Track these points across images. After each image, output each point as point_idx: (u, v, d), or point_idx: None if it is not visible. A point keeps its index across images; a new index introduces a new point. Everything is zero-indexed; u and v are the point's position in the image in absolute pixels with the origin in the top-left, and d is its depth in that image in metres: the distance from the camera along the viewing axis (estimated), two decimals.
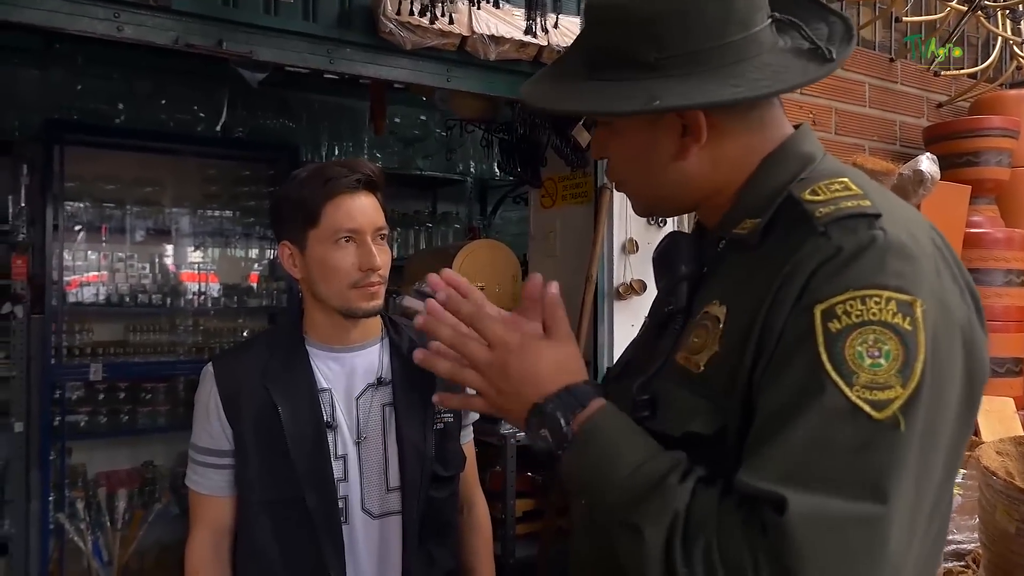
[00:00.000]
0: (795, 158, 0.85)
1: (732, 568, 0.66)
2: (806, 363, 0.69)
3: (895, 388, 0.66)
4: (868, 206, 0.74)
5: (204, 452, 1.40)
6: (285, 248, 1.42)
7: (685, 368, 0.81)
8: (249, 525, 1.38)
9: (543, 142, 2.76)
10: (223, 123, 3.83)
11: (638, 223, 2.54)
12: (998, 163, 2.94)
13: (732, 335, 0.77)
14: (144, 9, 1.75)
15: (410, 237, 4.48)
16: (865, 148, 3.08)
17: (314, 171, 1.40)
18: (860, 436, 0.66)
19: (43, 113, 3.46)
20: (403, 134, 4.35)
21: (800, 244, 0.74)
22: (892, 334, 0.68)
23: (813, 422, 0.67)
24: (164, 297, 3.78)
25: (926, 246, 0.74)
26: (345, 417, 1.40)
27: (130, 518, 3.28)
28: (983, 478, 1.46)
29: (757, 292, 0.75)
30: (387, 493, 1.41)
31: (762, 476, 0.67)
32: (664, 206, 0.95)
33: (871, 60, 3.14)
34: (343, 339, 1.43)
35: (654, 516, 0.70)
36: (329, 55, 2.00)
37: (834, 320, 0.69)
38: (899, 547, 0.65)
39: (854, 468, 0.65)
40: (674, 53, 0.80)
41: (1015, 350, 2.86)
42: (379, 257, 1.37)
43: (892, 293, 0.68)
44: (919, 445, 0.67)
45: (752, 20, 0.82)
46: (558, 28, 2.17)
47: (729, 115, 0.84)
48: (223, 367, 1.42)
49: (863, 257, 0.70)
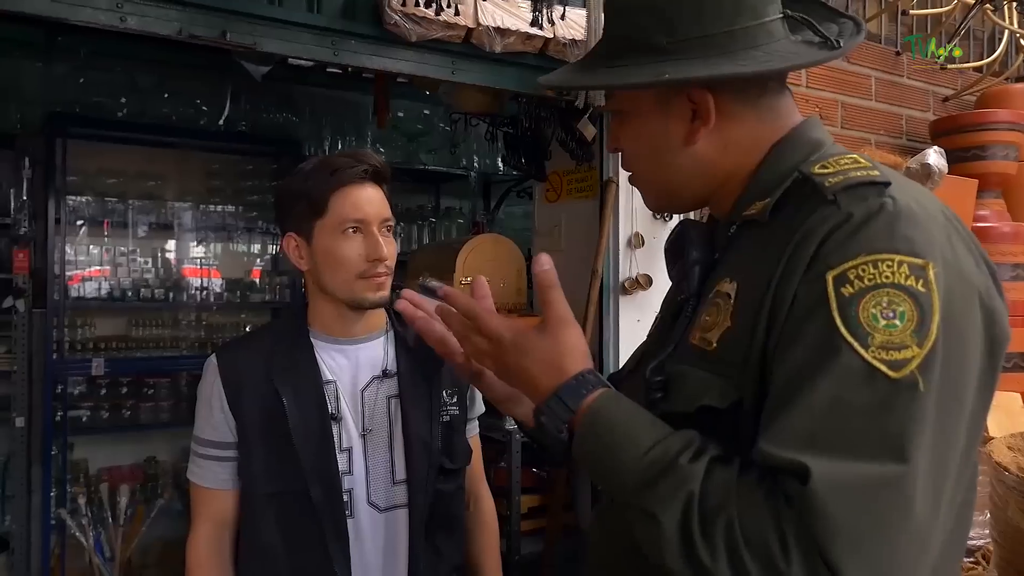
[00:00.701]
0: (805, 143, 0.86)
1: (756, 546, 0.64)
2: (820, 328, 0.69)
3: (911, 348, 0.66)
4: (877, 175, 0.75)
5: (207, 444, 1.39)
6: (291, 240, 1.41)
7: (699, 347, 0.81)
8: (253, 518, 1.37)
9: (548, 136, 2.75)
10: (226, 117, 3.82)
11: (644, 218, 2.52)
12: (1005, 157, 2.92)
13: (744, 309, 0.77)
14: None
15: (413, 232, 4.47)
16: (871, 142, 3.07)
17: (320, 162, 1.40)
18: (878, 397, 0.65)
19: (46, 107, 3.45)
20: (407, 128, 4.34)
21: (810, 214, 0.75)
22: (906, 296, 0.67)
23: (830, 386, 0.66)
24: (166, 292, 3.78)
25: (936, 215, 0.74)
26: (350, 409, 1.39)
27: (132, 514, 3.27)
28: (995, 474, 1.45)
29: (767, 264, 0.75)
30: (393, 486, 1.40)
31: (782, 445, 0.66)
32: (676, 198, 0.94)
33: (877, 54, 3.12)
34: (348, 331, 1.42)
35: (667, 500, 0.69)
36: (333, 47, 1.98)
37: (847, 285, 0.69)
38: (924, 509, 0.64)
39: (873, 429, 0.65)
40: (685, 37, 0.83)
41: (1021, 345, 2.84)
42: (386, 248, 1.37)
43: (904, 257, 0.69)
44: (937, 405, 0.66)
45: (763, 11, 0.84)
46: (565, 20, 2.15)
47: (738, 99, 0.85)
48: (227, 359, 1.41)
49: (874, 223, 0.71)
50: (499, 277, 2.63)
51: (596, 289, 2.45)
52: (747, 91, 0.85)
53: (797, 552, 0.63)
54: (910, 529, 0.64)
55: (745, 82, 0.85)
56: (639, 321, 2.51)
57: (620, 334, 2.51)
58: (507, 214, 4.70)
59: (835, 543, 0.62)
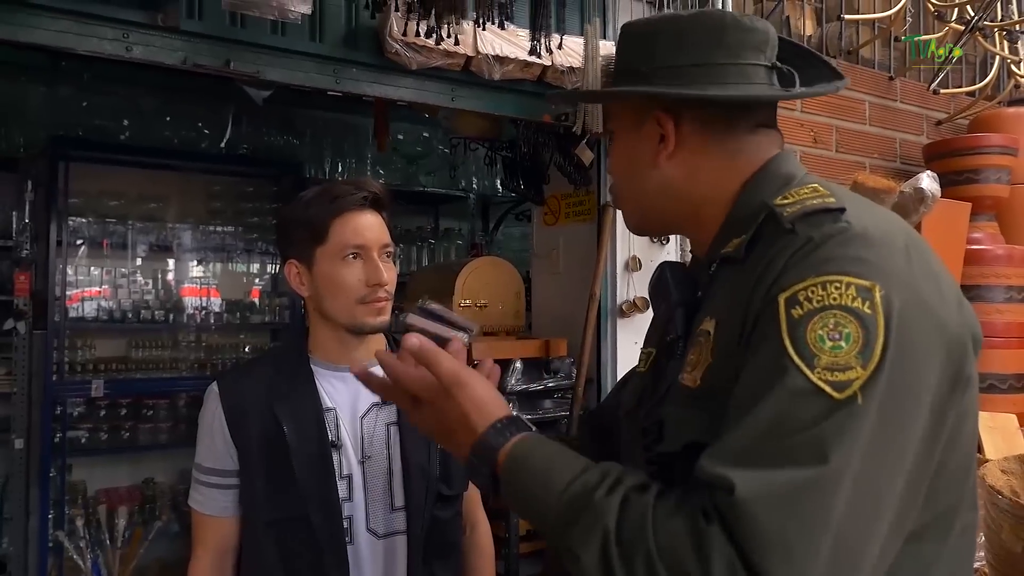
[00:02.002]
0: (776, 177, 0.88)
1: (677, 573, 0.65)
2: (771, 350, 0.71)
3: (855, 369, 0.68)
4: (832, 202, 0.78)
5: (208, 472, 1.40)
6: (292, 266, 1.43)
7: (686, 386, 0.83)
8: (254, 545, 1.38)
9: (546, 160, 2.78)
10: (227, 140, 3.86)
11: (641, 242, 2.55)
12: (997, 180, 2.96)
13: (723, 344, 0.79)
14: (153, 30, 1.77)
15: (413, 253, 4.50)
16: (866, 165, 3.10)
17: (321, 190, 1.42)
18: (819, 415, 0.67)
19: (49, 130, 3.48)
20: (406, 151, 4.38)
21: (773, 244, 0.77)
22: (852, 318, 0.69)
23: (774, 405, 0.68)
24: (166, 313, 3.78)
25: (894, 239, 0.76)
26: (350, 436, 1.40)
27: (130, 536, 3.26)
28: (988, 497, 1.46)
29: (741, 298, 0.78)
30: (392, 513, 1.41)
31: (716, 461, 0.68)
32: (647, 219, 0.99)
33: (871, 79, 3.16)
34: (349, 357, 1.43)
35: (584, 538, 0.70)
36: (335, 75, 2.01)
37: (796, 307, 0.71)
38: (849, 515, 0.65)
39: (807, 443, 0.66)
40: (662, 65, 0.89)
41: (1017, 366, 2.85)
42: (386, 273, 1.39)
43: (852, 279, 0.70)
44: (878, 421, 0.67)
45: (741, 53, 0.88)
46: (562, 49, 2.19)
47: (705, 132, 0.90)
48: (228, 386, 1.42)
49: (825, 246, 0.73)
50: (497, 299, 2.66)
51: (594, 312, 2.48)
52: (712, 124, 0.90)
53: (719, 567, 0.64)
54: (832, 531, 0.64)
55: (709, 116, 0.89)
56: (636, 344, 2.52)
57: (618, 357, 2.53)
58: (505, 235, 4.73)
59: (763, 551, 0.63)
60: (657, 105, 0.90)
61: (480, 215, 4.91)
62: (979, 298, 2.85)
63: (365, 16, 2.00)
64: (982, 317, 2.79)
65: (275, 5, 1.68)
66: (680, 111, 0.89)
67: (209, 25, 1.82)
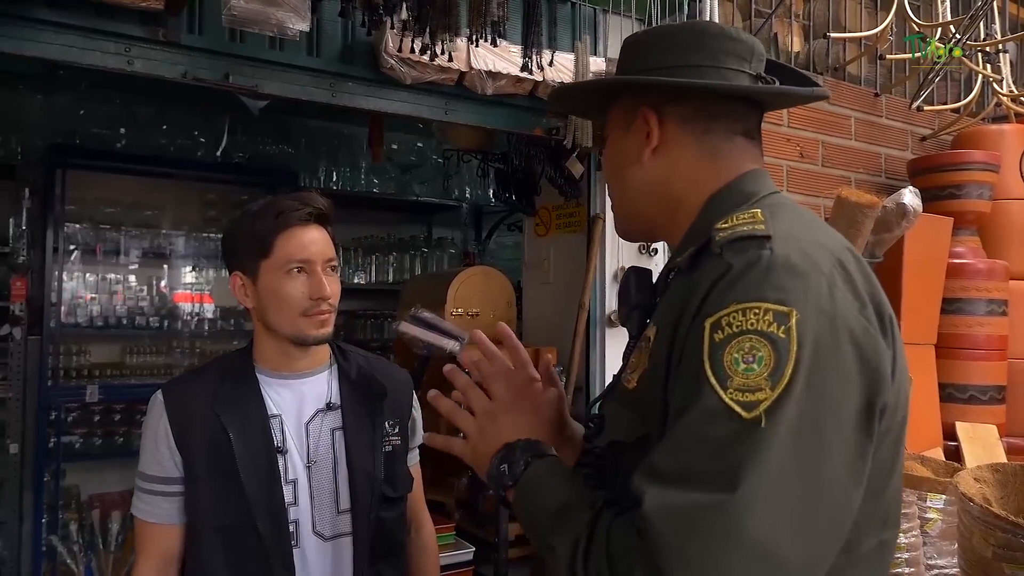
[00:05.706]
0: (737, 195, 0.92)
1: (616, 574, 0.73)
2: (694, 371, 0.75)
3: (764, 390, 0.71)
4: (761, 230, 0.81)
5: (152, 480, 1.40)
6: (237, 278, 1.45)
7: (625, 387, 0.90)
8: (199, 552, 1.38)
9: (538, 172, 2.83)
10: (223, 148, 3.90)
11: (630, 252, 2.60)
12: (980, 196, 3.02)
13: (657, 352, 0.85)
14: (154, 44, 1.81)
15: (406, 262, 4.54)
16: (852, 180, 3.17)
17: (266, 204, 1.44)
18: (728, 434, 0.70)
19: (46, 138, 3.52)
20: (400, 160, 4.43)
21: (705, 266, 0.82)
22: (766, 342, 0.72)
23: (690, 424, 0.73)
24: (161, 319, 3.82)
25: (822, 264, 0.78)
26: (295, 442, 1.43)
27: (123, 540, 3.28)
28: (961, 504, 1.51)
29: (676, 311, 0.82)
30: (338, 515, 1.44)
31: (640, 475, 0.74)
32: (632, 219, 1.04)
33: (857, 95, 3.23)
34: (293, 366, 1.46)
35: (563, 536, 0.80)
36: (332, 88, 2.06)
37: (718, 331, 0.74)
38: (763, 535, 0.67)
39: (715, 462, 0.70)
40: (651, 66, 0.95)
41: (997, 378, 2.91)
42: (329, 287, 1.41)
43: (770, 305, 0.73)
44: (789, 442, 0.70)
45: (722, 59, 0.94)
46: (553, 65, 2.24)
47: (684, 128, 0.95)
48: (173, 395, 1.42)
49: (749, 274, 0.76)
50: (489, 308, 2.70)
51: (583, 322, 2.52)
52: (692, 121, 0.94)
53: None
54: (745, 554, 0.67)
55: (690, 112, 0.94)
56: None
57: (607, 365, 2.57)
58: (498, 244, 4.77)
59: (670, 567, 0.68)
60: (644, 102, 0.95)
61: (473, 225, 4.96)
62: (960, 311, 2.91)
63: (361, 33, 2.04)
64: (964, 329, 2.91)
65: (274, 22, 1.73)
66: (663, 107, 0.94)
67: (209, 40, 1.87)
